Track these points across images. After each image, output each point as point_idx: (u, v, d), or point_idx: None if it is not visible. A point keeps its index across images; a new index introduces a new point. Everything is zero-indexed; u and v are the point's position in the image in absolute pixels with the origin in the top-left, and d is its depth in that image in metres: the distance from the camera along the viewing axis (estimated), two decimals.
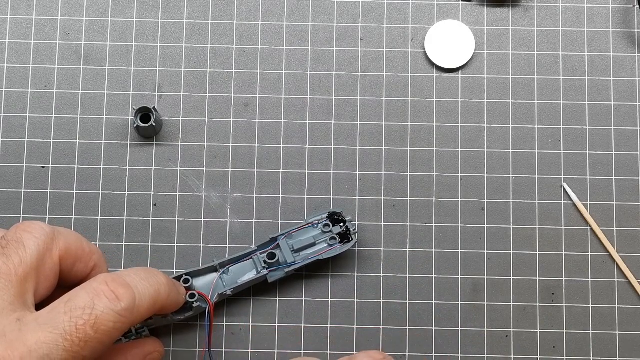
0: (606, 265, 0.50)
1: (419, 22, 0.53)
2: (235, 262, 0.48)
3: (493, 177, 0.51)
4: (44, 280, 0.40)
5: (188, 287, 0.47)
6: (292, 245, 0.48)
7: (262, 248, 0.49)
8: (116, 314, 0.38)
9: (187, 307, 0.46)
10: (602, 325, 0.50)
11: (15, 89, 0.52)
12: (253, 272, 0.48)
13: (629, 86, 0.52)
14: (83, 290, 0.39)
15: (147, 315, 0.41)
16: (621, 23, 0.53)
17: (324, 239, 0.49)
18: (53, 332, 0.37)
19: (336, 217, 0.49)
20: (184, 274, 0.47)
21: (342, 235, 0.49)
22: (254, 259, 0.48)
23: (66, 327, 0.37)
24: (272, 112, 0.52)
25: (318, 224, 0.49)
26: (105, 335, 0.38)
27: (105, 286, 0.39)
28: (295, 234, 0.49)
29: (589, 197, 0.51)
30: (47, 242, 0.41)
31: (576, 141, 0.51)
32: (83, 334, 0.37)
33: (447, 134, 0.51)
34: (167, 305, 0.43)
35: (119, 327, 0.38)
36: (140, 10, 0.53)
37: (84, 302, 0.38)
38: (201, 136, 0.51)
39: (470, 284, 0.50)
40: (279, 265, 0.48)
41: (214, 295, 0.47)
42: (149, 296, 0.40)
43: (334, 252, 0.48)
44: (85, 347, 0.37)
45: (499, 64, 0.52)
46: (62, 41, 0.52)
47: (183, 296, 0.45)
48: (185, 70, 0.52)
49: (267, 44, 0.52)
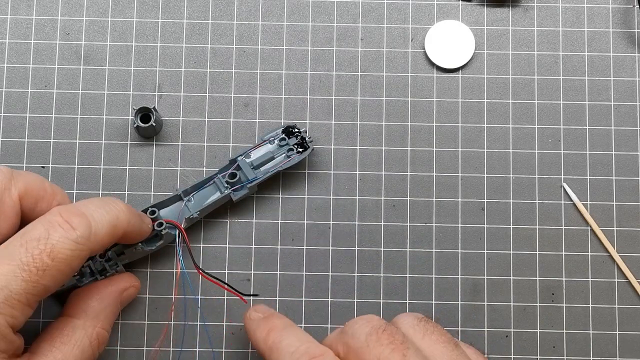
0: (606, 265, 0.50)
1: (419, 22, 0.53)
2: (199, 189, 0.49)
3: (493, 177, 0.51)
4: (4, 219, 0.41)
5: (155, 217, 0.47)
6: (252, 163, 0.49)
7: (223, 171, 0.49)
8: (72, 242, 0.39)
9: (157, 237, 0.47)
10: (602, 325, 0.50)
11: (15, 89, 0.52)
12: (217, 194, 0.49)
13: (629, 86, 0.52)
14: (38, 222, 0.39)
15: (108, 242, 0.41)
16: (621, 23, 0.53)
17: (282, 153, 0.50)
18: (10, 263, 0.38)
19: (291, 129, 0.50)
20: (149, 206, 0.47)
21: (299, 145, 0.50)
22: (216, 182, 0.49)
23: (23, 257, 0.38)
24: (272, 112, 0.52)
25: (274, 139, 0.50)
26: (63, 263, 0.38)
27: (59, 217, 0.39)
28: (253, 153, 0.50)
29: (589, 197, 0.51)
30: (3, 181, 0.41)
31: (576, 141, 0.51)
32: (40, 262, 0.38)
33: (447, 134, 0.51)
34: (129, 232, 0.43)
35: (77, 254, 0.39)
36: (140, 10, 0.53)
37: (38, 233, 0.39)
38: (201, 136, 0.51)
39: (470, 284, 0.50)
40: (242, 183, 0.49)
41: (181, 220, 0.48)
42: (106, 222, 0.41)
43: (292, 162, 0.49)
44: (44, 276, 0.38)
45: (499, 64, 0.52)
46: (62, 41, 0.52)
47: (148, 225, 0.46)
48: (185, 70, 0.52)
49: (267, 44, 0.52)
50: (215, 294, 0.49)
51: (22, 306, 0.38)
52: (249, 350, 0.49)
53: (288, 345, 0.39)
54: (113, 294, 0.46)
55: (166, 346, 0.49)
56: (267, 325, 0.42)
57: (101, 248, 0.41)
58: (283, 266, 0.50)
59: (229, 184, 0.49)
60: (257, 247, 0.50)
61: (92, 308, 0.44)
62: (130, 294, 0.47)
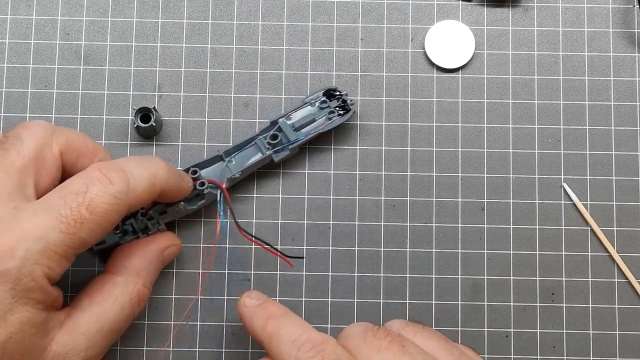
0: (606, 265, 0.50)
1: (419, 22, 0.53)
2: (240, 150, 0.49)
3: (493, 177, 0.51)
4: (45, 173, 0.42)
5: (196, 177, 0.47)
6: (293, 125, 0.49)
7: (264, 132, 0.50)
8: (110, 196, 0.39)
9: (198, 196, 0.48)
10: (602, 325, 0.50)
11: (15, 89, 0.52)
12: (258, 155, 0.49)
13: (629, 86, 0.52)
14: (77, 177, 0.40)
15: (146, 198, 0.42)
16: (621, 23, 0.53)
17: (322, 115, 0.50)
18: (48, 215, 0.38)
19: (332, 92, 0.50)
20: (190, 166, 0.48)
21: (341, 108, 0.50)
22: (258, 143, 0.49)
23: (61, 210, 0.38)
24: (272, 112, 0.52)
25: (315, 102, 0.50)
26: (101, 217, 0.39)
27: (97, 172, 0.40)
28: (294, 115, 0.50)
29: (589, 197, 0.51)
30: (45, 136, 0.42)
31: (576, 141, 0.51)
32: (78, 215, 0.38)
33: (447, 134, 0.51)
34: (168, 190, 0.43)
35: (115, 209, 0.39)
36: (140, 10, 0.53)
37: (77, 187, 0.39)
38: (201, 136, 0.51)
39: (470, 284, 0.50)
40: (283, 144, 0.49)
41: (223, 180, 0.48)
42: (144, 179, 0.41)
43: (333, 124, 0.50)
44: (81, 229, 0.38)
45: (499, 64, 0.52)
46: (62, 41, 0.52)
47: (189, 184, 0.46)
48: (185, 70, 0.52)
49: (267, 44, 0.52)
50: (215, 294, 0.49)
51: (59, 258, 0.38)
52: (249, 350, 0.49)
53: (288, 333, 0.39)
54: (155, 252, 0.46)
55: (166, 346, 0.49)
56: (264, 313, 0.42)
57: (139, 204, 0.42)
58: (283, 266, 0.50)
59: (270, 145, 0.49)
60: (257, 246, 0.50)
61: (134, 265, 0.45)
62: (172, 253, 0.47)
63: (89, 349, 0.41)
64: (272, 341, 0.40)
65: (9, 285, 0.37)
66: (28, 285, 0.37)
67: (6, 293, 0.37)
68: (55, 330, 0.40)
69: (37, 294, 0.38)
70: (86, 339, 0.41)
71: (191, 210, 0.48)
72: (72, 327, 0.41)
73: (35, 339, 0.39)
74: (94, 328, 0.41)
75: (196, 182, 0.47)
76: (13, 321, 0.37)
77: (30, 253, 0.37)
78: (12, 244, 0.37)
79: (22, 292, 0.37)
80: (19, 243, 0.37)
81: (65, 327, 0.41)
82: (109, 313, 0.42)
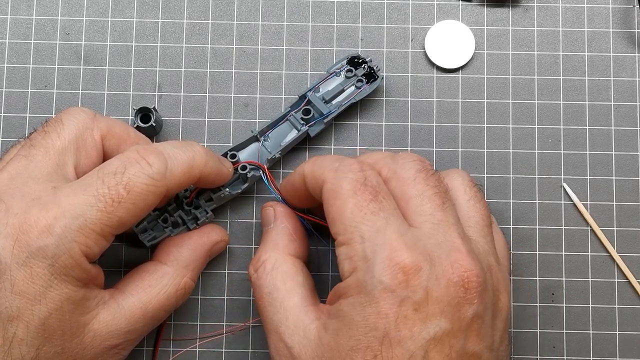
0: (606, 265, 0.50)
1: (419, 22, 0.53)
2: (273, 127, 0.49)
3: (493, 177, 0.51)
4: (85, 156, 0.43)
5: (236, 161, 0.47)
6: (322, 97, 0.50)
7: (295, 107, 0.50)
8: (148, 177, 0.40)
9: (242, 179, 0.48)
10: (602, 325, 0.50)
11: (15, 89, 0.52)
12: (294, 132, 0.49)
13: (629, 86, 0.52)
14: (115, 158, 0.41)
15: (184, 181, 0.42)
16: (621, 23, 0.53)
17: (350, 84, 0.50)
18: (86, 194, 0.39)
19: (356, 59, 0.50)
20: (227, 150, 0.48)
21: (368, 76, 0.50)
22: (290, 120, 0.50)
23: (99, 188, 0.39)
24: (272, 112, 0.52)
25: (340, 71, 0.50)
26: (138, 197, 0.39)
27: (136, 154, 0.40)
28: (322, 87, 0.50)
29: (589, 197, 0.51)
30: (86, 121, 0.43)
31: (576, 141, 0.51)
32: (116, 194, 0.39)
33: (447, 134, 0.51)
34: (207, 174, 0.44)
35: (152, 190, 0.40)
36: (140, 10, 0.53)
37: (115, 167, 0.40)
38: (201, 136, 0.51)
39: None
40: (316, 118, 0.49)
41: (263, 161, 0.48)
42: (182, 162, 0.42)
43: (364, 93, 0.50)
44: (119, 208, 0.39)
45: (499, 64, 0.52)
46: (62, 41, 0.52)
47: (229, 169, 0.46)
48: (185, 70, 0.52)
49: (267, 44, 0.52)
50: (215, 294, 0.49)
51: (97, 236, 0.39)
52: (249, 350, 0.49)
53: (330, 162, 0.42)
54: (205, 246, 0.46)
55: (167, 346, 0.49)
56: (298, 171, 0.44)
57: (177, 187, 0.42)
58: None
59: (304, 120, 0.49)
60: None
61: (184, 257, 0.45)
62: (220, 248, 0.48)
63: (129, 332, 0.42)
64: (314, 171, 0.42)
65: (48, 262, 0.38)
66: (66, 262, 0.38)
67: (45, 269, 0.38)
68: (98, 308, 0.41)
69: (76, 271, 0.38)
70: (128, 323, 0.41)
71: (236, 195, 0.48)
72: (117, 308, 0.41)
73: (75, 316, 0.39)
74: (138, 313, 0.42)
75: (237, 165, 0.47)
76: (53, 297, 0.38)
77: (67, 230, 0.38)
78: (49, 221, 0.38)
79: (60, 269, 0.38)
80: (56, 220, 0.38)
81: (109, 307, 0.41)
82: (154, 301, 0.43)
